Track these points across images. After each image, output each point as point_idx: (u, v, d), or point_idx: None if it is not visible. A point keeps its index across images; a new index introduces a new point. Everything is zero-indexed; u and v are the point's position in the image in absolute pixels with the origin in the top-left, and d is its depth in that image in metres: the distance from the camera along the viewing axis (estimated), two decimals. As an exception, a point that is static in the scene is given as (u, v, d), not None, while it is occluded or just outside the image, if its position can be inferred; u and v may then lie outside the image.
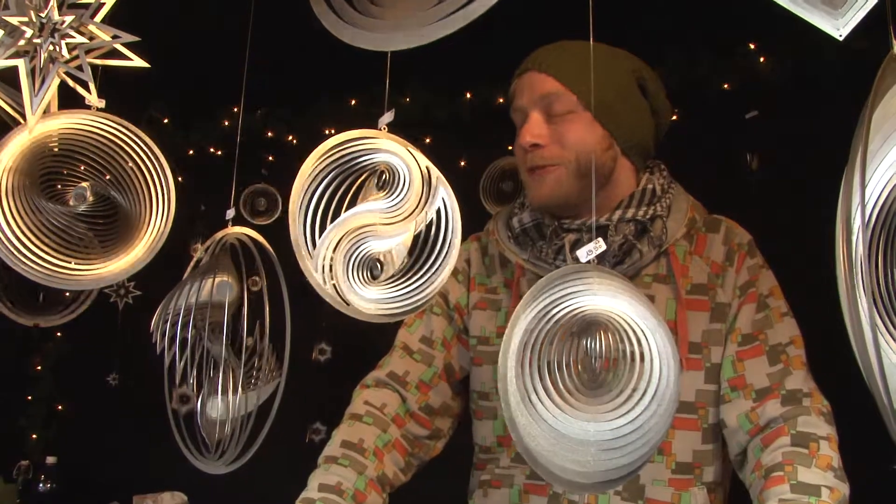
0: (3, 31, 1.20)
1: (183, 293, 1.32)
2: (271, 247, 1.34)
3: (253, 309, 1.45)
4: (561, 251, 1.39)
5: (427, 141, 3.08)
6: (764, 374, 1.34)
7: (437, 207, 1.15)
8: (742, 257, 1.41)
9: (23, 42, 1.19)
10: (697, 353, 1.38)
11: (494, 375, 1.45)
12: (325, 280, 1.01)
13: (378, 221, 1.05)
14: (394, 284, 1.06)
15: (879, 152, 0.82)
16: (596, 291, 0.73)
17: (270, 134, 3.38)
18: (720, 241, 1.42)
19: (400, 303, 1.04)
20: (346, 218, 1.06)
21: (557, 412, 0.74)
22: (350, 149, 1.04)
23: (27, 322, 2.91)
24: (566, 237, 1.38)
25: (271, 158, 3.44)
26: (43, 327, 3.77)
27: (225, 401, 1.34)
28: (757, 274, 1.41)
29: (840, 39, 0.81)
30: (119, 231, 1.34)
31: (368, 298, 1.04)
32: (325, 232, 1.04)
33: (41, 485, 2.88)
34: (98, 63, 1.24)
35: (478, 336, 1.50)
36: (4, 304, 2.86)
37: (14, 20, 1.19)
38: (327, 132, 3.24)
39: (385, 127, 1.04)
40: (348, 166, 1.10)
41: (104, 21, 1.25)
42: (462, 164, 3.14)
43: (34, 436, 3.72)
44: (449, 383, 1.51)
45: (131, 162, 1.31)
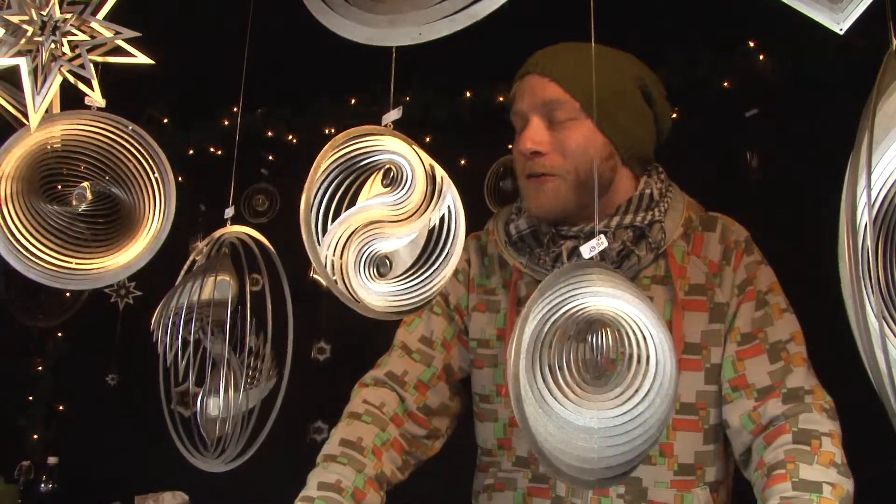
0: (5, 30, 1.20)
1: (183, 291, 1.32)
2: (270, 246, 1.34)
3: (252, 308, 1.45)
4: (559, 259, 1.36)
5: (427, 140, 3.08)
6: (765, 373, 1.33)
7: (444, 209, 1.16)
8: (739, 255, 1.39)
9: (24, 41, 1.19)
10: (696, 354, 1.36)
11: (495, 378, 1.45)
12: (332, 275, 1.01)
13: (383, 217, 1.05)
14: (399, 281, 1.06)
15: (879, 149, 0.82)
16: (599, 291, 0.77)
17: (270, 133, 3.38)
18: (717, 240, 1.41)
19: (405, 298, 1.04)
20: (352, 214, 1.06)
21: (566, 403, 0.80)
22: (355, 146, 1.03)
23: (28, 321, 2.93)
24: (564, 244, 1.36)
25: (271, 158, 3.44)
26: (42, 327, 3.78)
27: (224, 399, 1.34)
28: (755, 271, 1.39)
29: (840, 33, 0.80)
30: (120, 229, 1.34)
31: (377, 292, 1.05)
32: (331, 227, 1.04)
33: (42, 485, 2.88)
34: (102, 60, 1.24)
35: (478, 339, 1.49)
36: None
37: (15, 18, 1.18)
38: (327, 132, 3.24)
39: (390, 124, 1.03)
40: (351, 165, 1.10)
41: (106, 19, 1.25)
42: (462, 164, 3.14)
43: (35, 436, 3.72)
44: (448, 384, 1.49)
45: (132, 161, 1.31)
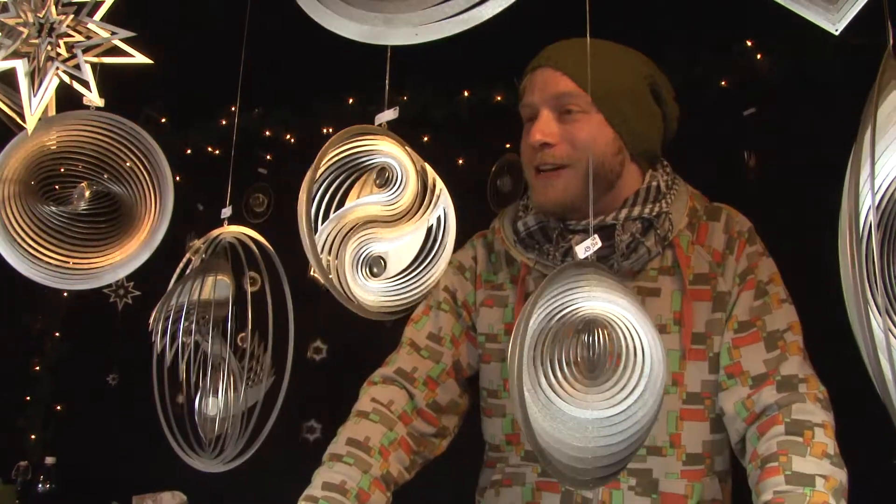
0: (1, 33, 1.20)
1: (181, 292, 1.33)
2: (270, 246, 1.34)
3: (247, 307, 1.45)
4: (568, 253, 1.37)
5: (425, 140, 3.08)
6: (760, 361, 1.33)
7: (439, 214, 1.17)
8: (742, 245, 1.41)
9: (20, 43, 1.19)
10: (701, 344, 1.37)
11: (503, 373, 1.46)
12: (327, 270, 1.01)
13: (376, 215, 1.06)
14: (392, 280, 1.07)
15: (878, 149, 0.81)
16: (594, 295, 0.83)
17: (268, 133, 3.38)
18: (721, 230, 1.42)
19: (397, 296, 1.05)
20: (345, 211, 1.06)
21: (565, 397, 0.85)
22: (351, 147, 1.04)
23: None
24: (573, 239, 1.37)
25: (269, 157, 3.44)
26: (41, 327, 3.79)
27: (222, 399, 1.34)
28: (756, 261, 1.40)
29: (836, 34, 0.81)
30: (119, 228, 1.34)
31: (370, 289, 1.06)
32: (323, 225, 1.05)
33: (40, 485, 2.87)
34: (100, 61, 1.24)
35: (486, 333, 1.50)
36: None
37: (12, 21, 1.18)
38: (325, 131, 3.23)
39: (384, 124, 1.04)
40: (345, 166, 1.10)
41: (103, 20, 1.25)
42: (460, 163, 3.14)
43: (33, 436, 3.72)
44: (457, 380, 1.50)
45: (130, 159, 1.31)
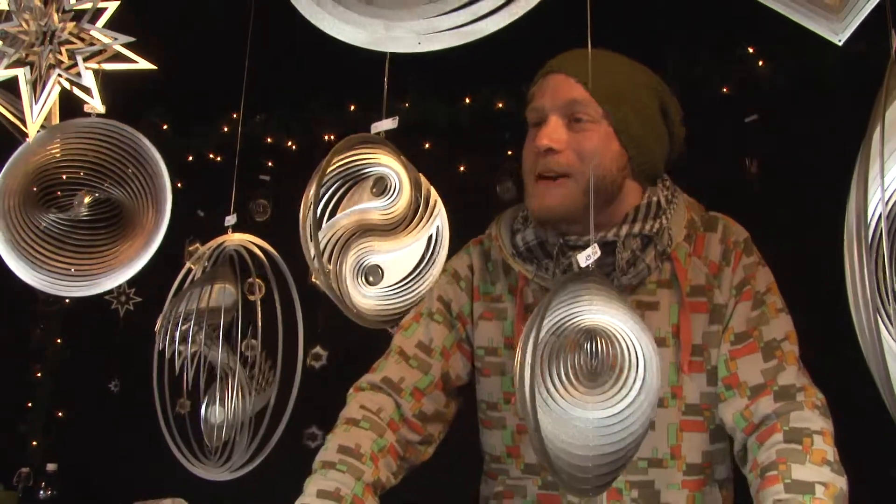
0: (3, 42, 1.20)
1: (186, 299, 1.33)
2: (276, 253, 1.34)
3: (252, 315, 1.45)
4: (569, 270, 1.35)
5: (426, 146, 3.08)
6: (758, 371, 1.33)
7: (437, 224, 1.18)
8: (738, 256, 1.40)
9: (23, 51, 1.19)
10: (699, 356, 1.37)
11: (503, 386, 1.45)
12: (324, 270, 1.02)
13: (373, 220, 1.06)
14: (385, 289, 1.09)
15: (886, 152, 0.81)
16: (594, 308, 0.90)
17: (270, 140, 3.38)
18: (717, 240, 1.42)
19: (391, 303, 1.07)
20: (343, 217, 1.07)
21: (569, 400, 0.93)
22: (351, 158, 1.05)
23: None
24: (574, 255, 1.34)
25: (270, 164, 3.44)
26: (42, 333, 3.79)
27: (227, 406, 1.34)
28: (753, 272, 1.39)
29: (839, 44, 0.80)
30: (120, 234, 1.34)
31: (367, 296, 1.07)
32: (324, 227, 1.06)
33: (42, 491, 2.87)
34: (100, 68, 1.24)
35: (485, 347, 1.47)
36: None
37: (14, 30, 1.19)
38: (326, 138, 3.23)
39: (382, 133, 1.04)
40: (340, 174, 1.11)
41: (106, 28, 1.25)
42: (461, 169, 3.14)
43: (34, 442, 3.71)
44: (444, 391, 1.47)
45: (130, 165, 1.31)
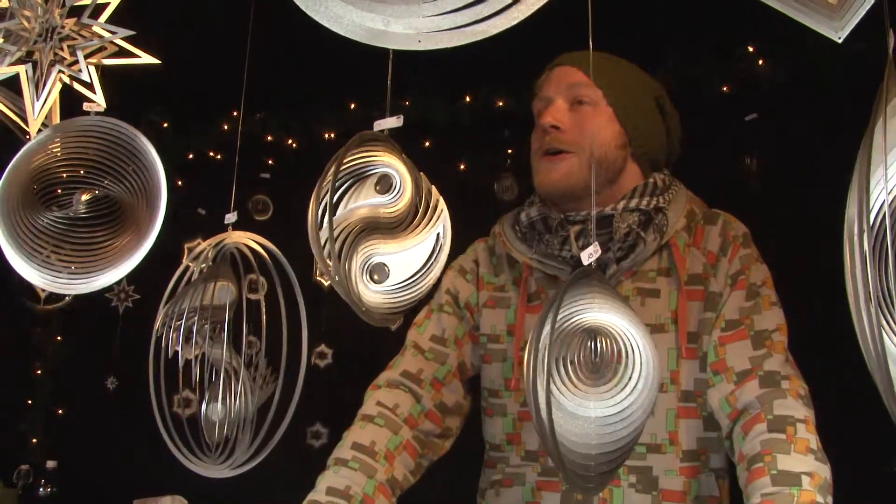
0: (4, 39, 1.21)
1: (190, 296, 1.33)
2: (279, 251, 1.35)
3: (256, 313, 1.46)
4: (566, 241, 1.43)
5: (427, 145, 3.08)
6: (745, 357, 1.35)
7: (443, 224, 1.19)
8: (736, 248, 1.44)
9: (24, 48, 1.20)
10: (694, 343, 1.41)
11: (504, 373, 1.49)
12: (337, 279, 1.04)
13: (376, 215, 1.09)
14: (392, 287, 1.11)
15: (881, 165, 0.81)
16: (596, 308, 0.95)
17: (270, 138, 3.38)
18: (717, 233, 1.47)
19: (394, 298, 1.09)
20: (348, 212, 1.08)
21: (570, 394, 0.97)
22: (358, 156, 1.06)
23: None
24: (572, 228, 1.43)
25: (271, 162, 3.44)
26: (42, 331, 3.79)
27: (230, 404, 1.34)
28: (749, 264, 1.43)
29: (839, 42, 0.81)
30: (118, 232, 1.35)
31: (374, 291, 1.09)
32: (327, 222, 1.07)
33: (41, 489, 2.88)
34: (100, 62, 1.24)
35: (488, 334, 1.53)
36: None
37: (14, 25, 1.19)
38: (326, 137, 3.24)
39: (386, 130, 1.05)
40: (343, 172, 1.12)
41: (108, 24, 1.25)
42: (462, 168, 3.14)
43: (34, 440, 3.72)
44: (461, 381, 1.53)
45: (131, 164, 1.31)
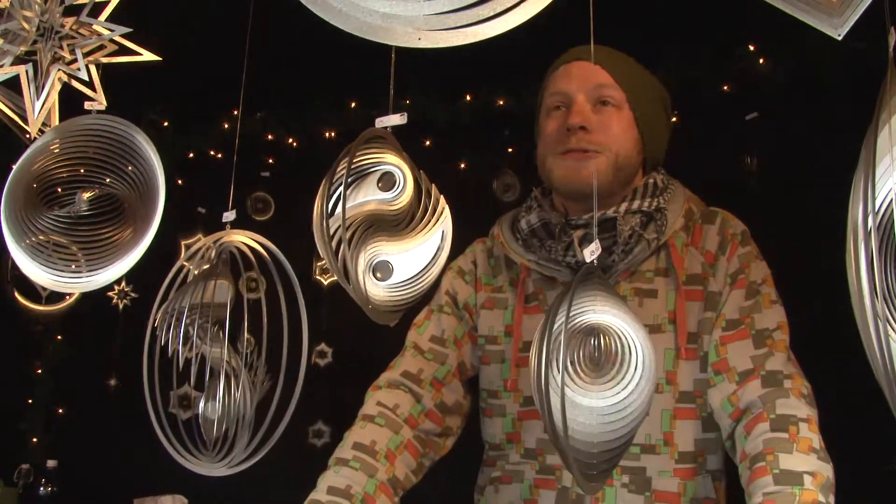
0: (4, 39, 1.21)
1: (190, 294, 1.33)
2: (278, 250, 1.35)
3: (252, 312, 1.45)
4: (570, 247, 1.42)
5: (427, 144, 3.08)
6: (747, 357, 1.35)
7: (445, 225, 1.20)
8: (734, 246, 1.43)
9: (24, 47, 1.19)
10: (693, 343, 1.39)
11: (502, 374, 1.49)
12: (345, 277, 1.05)
13: (379, 210, 1.10)
14: (395, 285, 1.12)
15: (883, 164, 0.81)
16: (597, 309, 0.98)
17: (270, 137, 3.38)
18: (715, 232, 1.46)
19: (400, 293, 1.10)
20: (351, 209, 1.09)
21: (574, 388, 1.00)
22: (362, 155, 1.07)
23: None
24: (574, 234, 1.41)
25: (271, 161, 3.44)
26: (43, 330, 3.80)
27: (225, 403, 1.34)
28: (748, 262, 1.42)
29: (839, 39, 0.81)
30: (120, 227, 1.35)
31: (377, 287, 1.10)
32: (333, 218, 1.08)
33: (42, 488, 2.88)
34: (97, 59, 1.24)
35: (486, 335, 1.53)
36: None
37: (14, 25, 1.19)
38: (327, 135, 3.24)
39: (388, 128, 1.05)
40: (353, 171, 1.13)
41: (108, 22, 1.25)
42: (462, 167, 3.14)
43: (34, 439, 3.72)
44: (461, 381, 1.53)
45: (131, 163, 1.31)
